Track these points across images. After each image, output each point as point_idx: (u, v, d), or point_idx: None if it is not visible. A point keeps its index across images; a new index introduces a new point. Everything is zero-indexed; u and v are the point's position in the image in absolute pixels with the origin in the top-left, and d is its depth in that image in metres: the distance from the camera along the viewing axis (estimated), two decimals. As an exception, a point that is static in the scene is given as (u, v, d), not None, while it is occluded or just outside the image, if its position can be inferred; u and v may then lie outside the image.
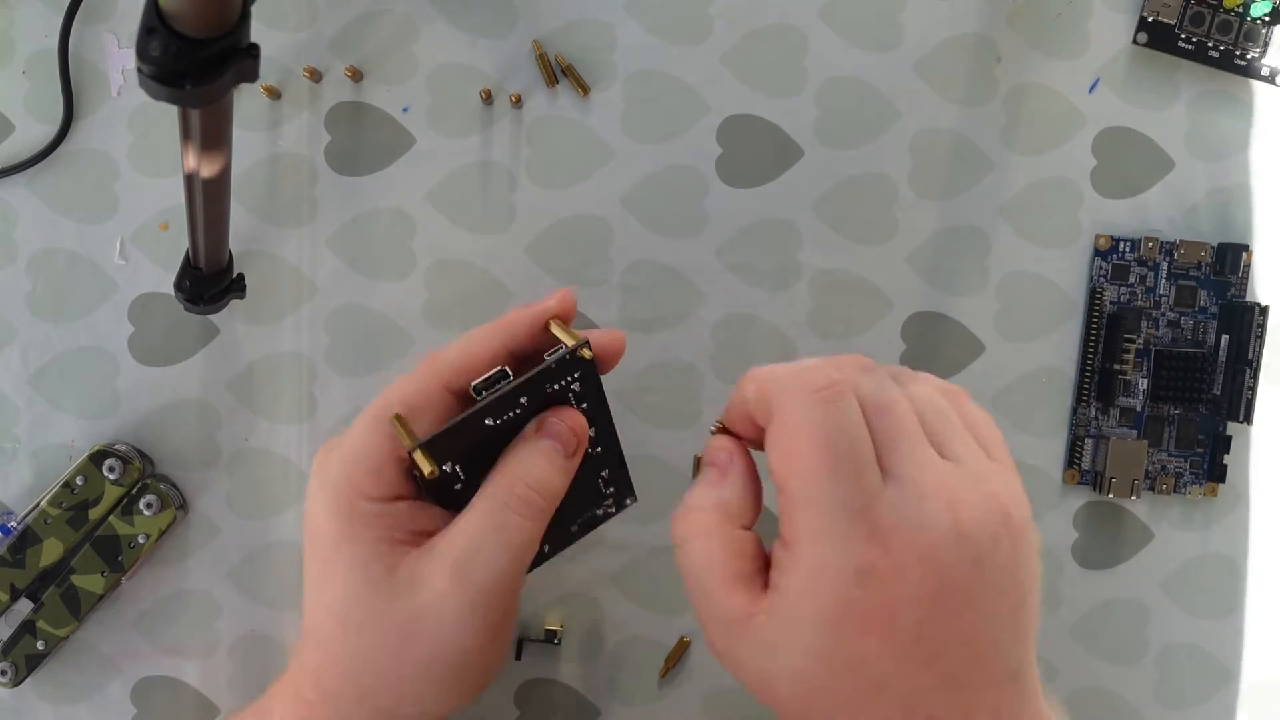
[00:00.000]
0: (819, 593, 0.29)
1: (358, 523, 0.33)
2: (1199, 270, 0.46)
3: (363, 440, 0.34)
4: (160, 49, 0.27)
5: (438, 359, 0.35)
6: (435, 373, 0.34)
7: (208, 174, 0.35)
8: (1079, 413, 0.47)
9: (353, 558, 0.33)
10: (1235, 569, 0.47)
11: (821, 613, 0.29)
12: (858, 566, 0.29)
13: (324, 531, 0.34)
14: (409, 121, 0.46)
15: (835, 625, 0.29)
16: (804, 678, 0.30)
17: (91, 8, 0.45)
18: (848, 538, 0.29)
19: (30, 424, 0.46)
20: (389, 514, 0.34)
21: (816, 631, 0.29)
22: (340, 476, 0.34)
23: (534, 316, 0.36)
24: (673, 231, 0.46)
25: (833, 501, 0.29)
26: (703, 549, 0.32)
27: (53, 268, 0.46)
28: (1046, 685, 0.32)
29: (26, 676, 0.45)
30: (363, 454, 0.34)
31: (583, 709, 0.47)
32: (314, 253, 0.46)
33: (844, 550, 0.29)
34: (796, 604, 0.30)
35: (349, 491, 0.33)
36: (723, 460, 0.33)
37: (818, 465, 0.29)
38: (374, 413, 0.34)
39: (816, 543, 0.29)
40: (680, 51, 0.46)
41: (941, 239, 0.46)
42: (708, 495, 0.33)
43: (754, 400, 0.31)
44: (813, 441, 0.29)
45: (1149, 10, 0.45)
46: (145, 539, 0.45)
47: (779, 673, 0.30)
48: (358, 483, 0.33)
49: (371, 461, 0.33)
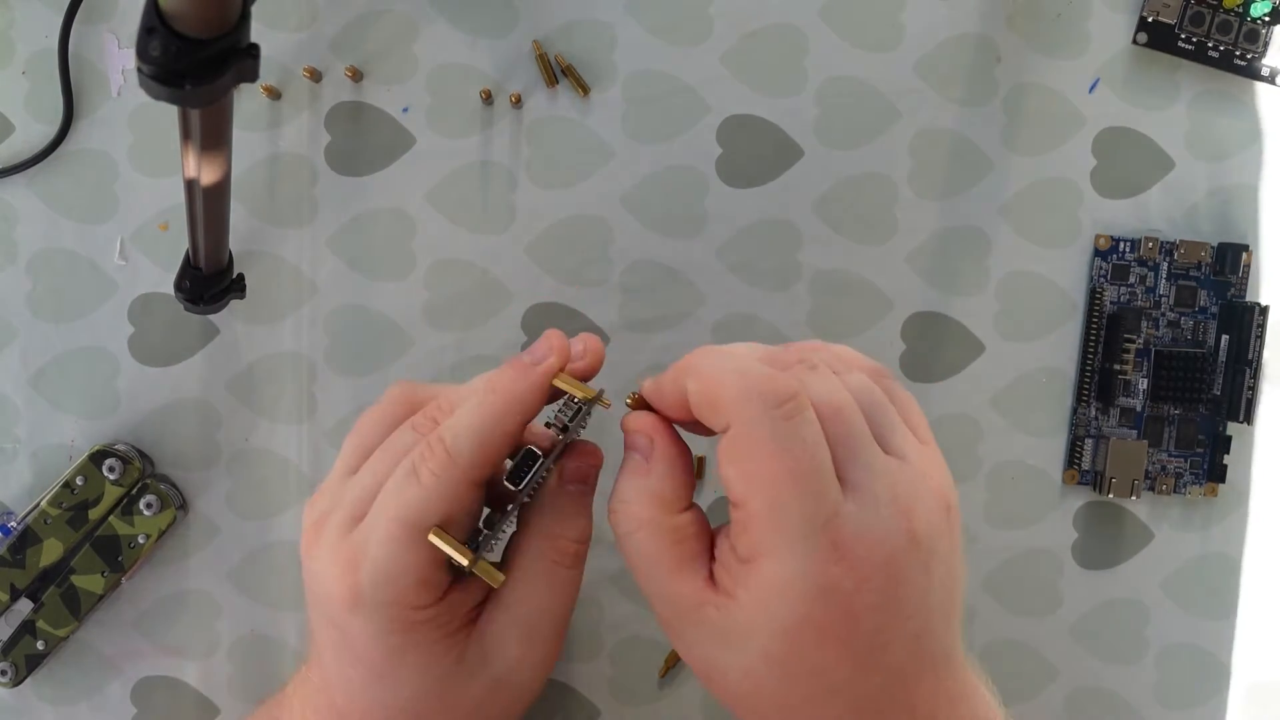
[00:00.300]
0: (779, 608, 0.29)
1: (415, 633, 0.32)
2: (1199, 270, 0.46)
3: (399, 558, 0.31)
4: (160, 49, 0.27)
5: (453, 464, 0.31)
6: (455, 480, 0.31)
7: (208, 174, 0.35)
8: (1079, 413, 0.47)
9: (417, 663, 0.32)
10: (1235, 569, 0.47)
11: (780, 626, 0.29)
12: (821, 584, 0.28)
13: (375, 646, 0.32)
14: (409, 121, 0.46)
15: (793, 637, 0.29)
16: (753, 677, 0.30)
17: (91, 8, 0.45)
18: (811, 555, 0.28)
19: (30, 424, 0.46)
20: (444, 612, 0.32)
21: (773, 640, 0.29)
22: (386, 599, 0.31)
23: (541, 387, 0.32)
24: (673, 231, 0.46)
25: (797, 519, 0.28)
26: (644, 541, 0.31)
27: (53, 268, 0.46)
28: (1048, 684, 0.32)
29: (26, 676, 0.45)
30: (404, 572, 0.31)
31: (583, 709, 0.47)
32: (314, 253, 0.46)
33: (806, 568, 0.28)
34: (753, 615, 0.29)
35: (399, 610, 0.31)
36: (644, 445, 0.32)
37: (781, 484, 0.28)
38: (396, 529, 0.31)
39: (778, 560, 0.28)
40: (680, 51, 0.46)
41: (941, 239, 0.46)
42: (637, 486, 0.32)
43: (698, 398, 0.30)
44: (776, 459, 0.28)
45: (1149, 10, 0.45)
46: (145, 539, 0.45)
47: (728, 667, 0.30)
48: (407, 599, 0.31)
49: (417, 574, 0.31)
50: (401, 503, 0.31)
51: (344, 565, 0.31)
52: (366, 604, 0.31)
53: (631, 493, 0.32)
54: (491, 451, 0.31)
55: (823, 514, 0.28)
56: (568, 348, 0.33)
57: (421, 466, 0.31)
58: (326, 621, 0.33)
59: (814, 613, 0.28)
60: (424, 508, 0.31)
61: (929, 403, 0.47)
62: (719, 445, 0.29)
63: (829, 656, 0.29)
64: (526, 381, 0.32)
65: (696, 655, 0.31)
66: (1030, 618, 0.47)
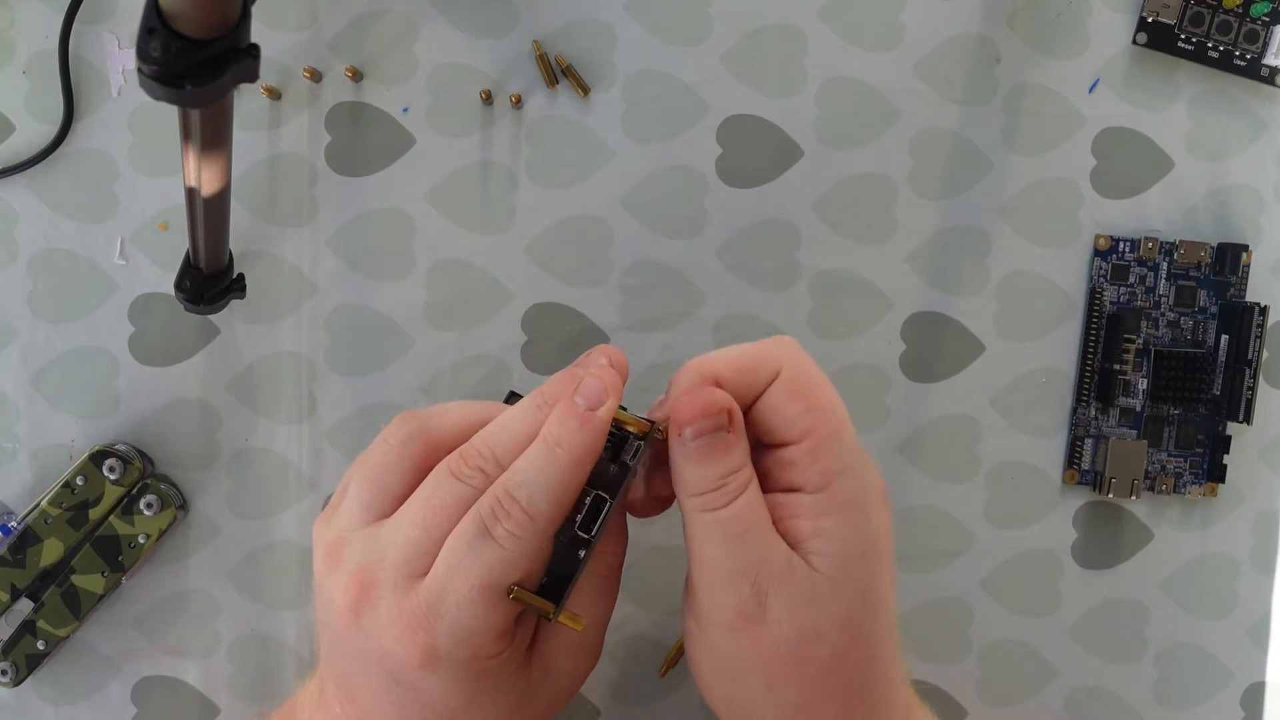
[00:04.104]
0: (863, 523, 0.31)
1: (490, 677, 0.32)
2: (1199, 270, 0.46)
3: (480, 619, 0.30)
4: (161, 49, 0.27)
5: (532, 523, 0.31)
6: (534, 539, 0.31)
7: (208, 174, 0.35)
8: (1079, 413, 0.47)
9: (491, 701, 0.32)
10: (1235, 569, 0.47)
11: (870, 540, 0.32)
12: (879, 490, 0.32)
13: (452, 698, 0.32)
14: (409, 121, 0.46)
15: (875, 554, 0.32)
16: (853, 623, 0.31)
17: (91, 8, 0.45)
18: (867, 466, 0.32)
19: (30, 424, 0.46)
20: (515, 651, 0.32)
21: (863, 565, 0.31)
22: (465, 656, 0.31)
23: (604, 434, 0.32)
24: (673, 231, 0.46)
25: (852, 437, 0.32)
26: (747, 501, 0.31)
27: (53, 268, 0.46)
28: (1048, 684, 0.33)
29: (27, 676, 0.45)
30: (485, 630, 0.31)
31: (582, 709, 0.47)
32: (314, 253, 0.46)
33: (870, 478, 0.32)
34: (842, 540, 0.31)
35: (477, 662, 0.31)
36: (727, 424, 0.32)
37: (838, 408, 0.32)
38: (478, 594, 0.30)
39: (855, 472, 0.31)
40: (680, 51, 0.46)
41: (941, 239, 0.46)
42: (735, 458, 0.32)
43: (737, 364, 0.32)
44: (829, 389, 0.32)
45: (1149, 10, 0.45)
46: (145, 539, 0.45)
47: (828, 623, 0.31)
48: (487, 652, 0.31)
49: (496, 631, 0.31)
50: (482, 566, 0.30)
51: (413, 627, 0.30)
52: (444, 662, 0.31)
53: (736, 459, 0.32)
54: (566, 505, 0.31)
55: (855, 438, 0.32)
56: (620, 383, 0.33)
57: (496, 526, 0.30)
58: (385, 678, 0.32)
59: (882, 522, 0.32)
60: (506, 569, 0.30)
61: (929, 403, 0.47)
62: (770, 392, 0.32)
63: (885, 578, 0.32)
64: (591, 432, 0.31)
65: (783, 632, 0.31)
66: (1030, 618, 0.47)
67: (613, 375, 0.32)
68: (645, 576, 0.46)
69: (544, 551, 0.31)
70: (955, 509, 0.47)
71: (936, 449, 0.47)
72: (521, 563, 0.31)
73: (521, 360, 0.46)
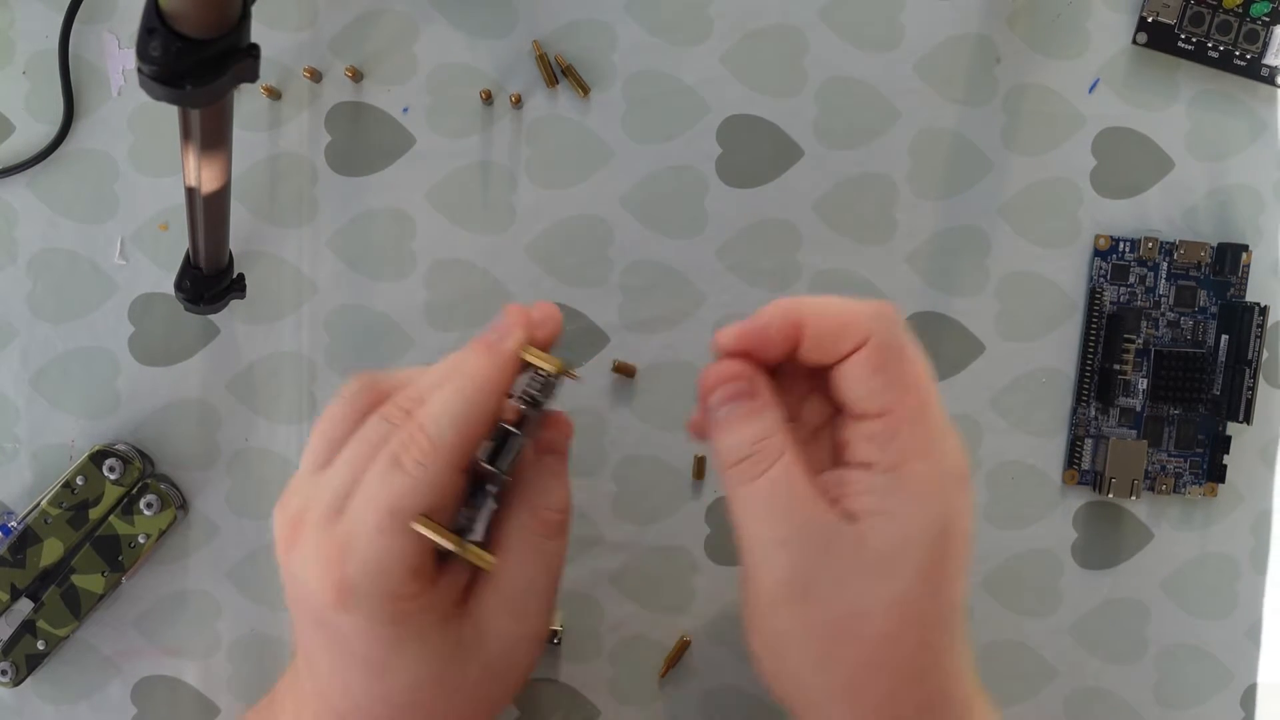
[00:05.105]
0: (936, 506, 0.30)
1: (410, 622, 0.31)
2: (1199, 270, 0.46)
3: (388, 550, 0.30)
4: (161, 49, 0.27)
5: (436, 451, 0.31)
6: (439, 467, 0.31)
7: (208, 174, 0.35)
8: (1079, 413, 0.47)
9: (415, 652, 0.32)
10: (1235, 569, 0.47)
11: (939, 526, 0.30)
12: (958, 476, 0.31)
13: (370, 641, 0.31)
14: (409, 121, 0.46)
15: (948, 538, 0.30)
16: (904, 604, 0.30)
17: (91, 8, 0.45)
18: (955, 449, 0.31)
19: (30, 424, 0.46)
20: (436, 599, 0.32)
21: (926, 549, 0.30)
22: (377, 592, 0.31)
23: (511, 364, 0.32)
24: (673, 231, 0.46)
25: (939, 418, 0.31)
26: (785, 472, 0.31)
27: (53, 268, 0.46)
28: (1048, 684, 0.33)
29: (27, 676, 0.45)
30: (394, 562, 0.30)
31: (583, 709, 0.47)
32: (314, 253, 0.46)
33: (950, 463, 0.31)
34: (906, 527, 0.30)
35: (391, 601, 0.31)
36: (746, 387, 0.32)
37: (926, 386, 0.31)
38: (385, 521, 0.30)
39: (933, 457, 0.30)
40: (680, 51, 0.46)
41: (941, 239, 0.46)
42: (763, 421, 0.32)
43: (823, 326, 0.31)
44: (920, 364, 0.31)
45: (1149, 10, 0.45)
46: (145, 539, 0.45)
47: (875, 601, 0.30)
48: (400, 590, 0.31)
49: (407, 563, 0.31)
50: (387, 493, 0.30)
51: (328, 561, 0.31)
52: (357, 598, 0.31)
53: (762, 428, 0.31)
54: (473, 435, 0.31)
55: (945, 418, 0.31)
56: (530, 320, 0.33)
57: (404, 455, 0.31)
58: (314, 622, 0.32)
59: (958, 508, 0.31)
60: (411, 496, 0.30)
61: (929, 403, 0.47)
62: (851, 362, 0.31)
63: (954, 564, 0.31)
64: (496, 361, 0.32)
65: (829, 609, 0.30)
66: (1030, 618, 0.47)
67: (521, 312, 0.33)
68: (645, 577, 0.46)
69: (453, 485, 0.31)
70: (955, 509, 0.47)
71: (936, 449, 0.47)
72: (427, 491, 0.30)
73: (521, 360, 0.46)
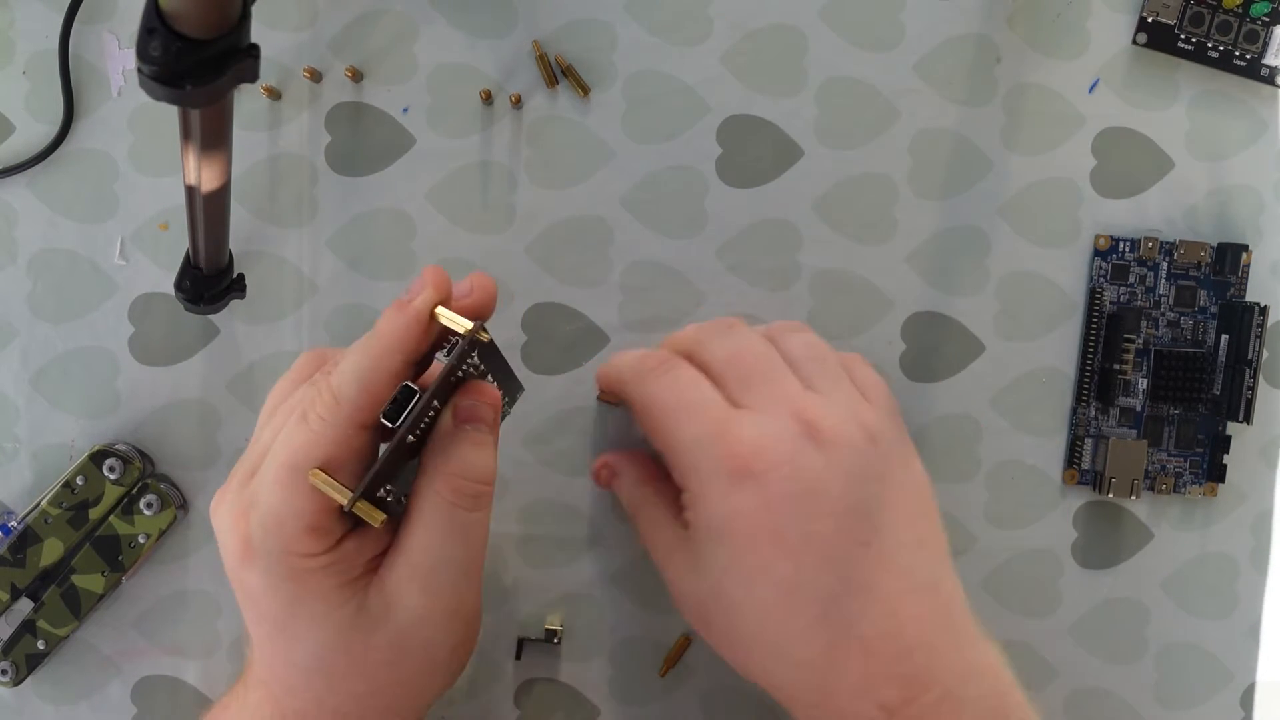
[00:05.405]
0: (709, 513, 0.34)
1: (309, 581, 0.31)
2: (1199, 270, 0.46)
3: (285, 503, 0.31)
4: (160, 49, 0.27)
5: (338, 406, 0.31)
6: (340, 421, 0.31)
7: (208, 174, 0.35)
8: (1079, 413, 0.47)
9: (316, 613, 0.32)
10: (1235, 569, 0.47)
11: (716, 531, 0.34)
12: (729, 476, 0.33)
13: (271, 599, 0.32)
14: (409, 121, 0.46)
15: (729, 539, 0.33)
16: (721, 593, 0.34)
17: (91, 8, 0.45)
18: (715, 460, 0.33)
19: (30, 424, 0.46)
20: (339, 560, 0.32)
21: (717, 548, 0.34)
22: (275, 547, 0.31)
23: (417, 321, 0.32)
24: (673, 231, 0.46)
25: (694, 441, 0.34)
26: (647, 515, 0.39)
27: (53, 268, 0.46)
28: (1048, 684, 0.33)
29: (27, 676, 0.45)
30: (291, 516, 0.31)
31: (583, 709, 0.47)
32: (314, 253, 0.46)
33: (715, 472, 0.33)
34: (700, 530, 0.34)
35: (288, 557, 0.31)
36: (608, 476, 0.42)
37: (670, 421, 0.35)
38: (282, 474, 0.31)
39: (697, 476, 0.34)
40: (680, 51, 0.46)
41: (941, 239, 0.46)
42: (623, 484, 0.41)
43: (612, 389, 0.40)
44: (660, 408, 0.35)
45: (1149, 10, 0.45)
46: (145, 539, 0.45)
47: (703, 594, 0.35)
48: (296, 546, 0.31)
49: (304, 520, 0.31)
50: (290, 448, 0.31)
51: (236, 516, 0.31)
52: (257, 553, 0.31)
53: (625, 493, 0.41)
54: (375, 391, 0.32)
55: (713, 428, 0.34)
56: (446, 282, 0.34)
57: (310, 411, 0.31)
58: (233, 579, 0.33)
59: (735, 508, 0.33)
60: (308, 450, 0.31)
61: (929, 403, 0.47)
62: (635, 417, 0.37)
63: (765, 553, 0.33)
64: (403, 318, 0.32)
65: (680, 590, 0.37)
66: (1030, 618, 0.47)
67: (437, 272, 0.33)
68: (644, 577, 0.46)
69: (354, 441, 0.32)
70: (955, 509, 0.47)
71: (936, 449, 0.47)
72: (326, 446, 0.31)
73: (521, 360, 0.46)
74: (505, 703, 0.47)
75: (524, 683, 0.47)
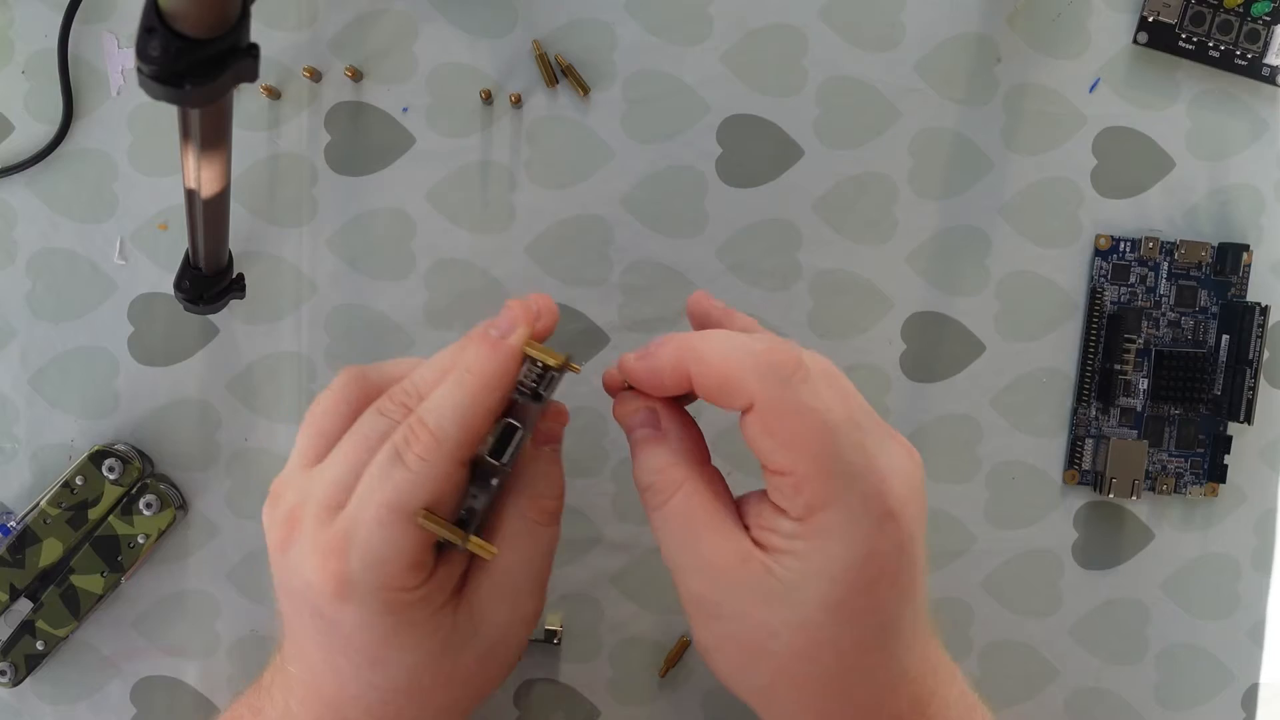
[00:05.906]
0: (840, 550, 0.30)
1: (407, 614, 0.32)
2: (1199, 270, 0.46)
3: (389, 543, 0.31)
4: (160, 49, 0.27)
5: (439, 446, 0.31)
6: (441, 461, 0.31)
7: (208, 174, 0.35)
8: (1079, 413, 0.47)
9: (409, 644, 0.32)
10: (1236, 569, 0.47)
11: (841, 567, 0.30)
12: (877, 519, 0.30)
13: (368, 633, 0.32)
14: (409, 121, 0.46)
15: (853, 576, 0.30)
16: (807, 629, 0.31)
17: (91, 8, 0.45)
18: (867, 496, 0.30)
19: (30, 424, 0.46)
20: (433, 590, 0.32)
21: (832, 585, 0.30)
22: (377, 585, 0.31)
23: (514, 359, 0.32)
24: (673, 231, 0.46)
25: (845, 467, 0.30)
26: (685, 501, 0.32)
27: (53, 268, 0.46)
28: (1048, 684, 0.33)
29: (26, 676, 0.45)
30: (395, 556, 0.31)
31: (582, 709, 0.47)
32: (314, 253, 0.46)
33: (865, 507, 0.30)
34: (809, 565, 0.31)
35: (390, 594, 0.31)
36: (649, 417, 0.34)
37: (823, 440, 0.30)
38: (383, 514, 0.31)
39: (836, 507, 0.30)
40: (680, 51, 0.46)
41: (941, 239, 0.46)
42: (662, 452, 0.33)
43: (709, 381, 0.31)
44: (810, 420, 0.30)
45: (1149, 10, 0.45)
46: (145, 539, 0.45)
47: (781, 625, 0.31)
48: (399, 582, 0.31)
49: (408, 558, 0.31)
50: (390, 487, 0.31)
51: (327, 554, 0.31)
52: (357, 590, 0.31)
53: (660, 459, 0.33)
54: (476, 429, 0.32)
55: (863, 459, 0.30)
56: (533, 315, 0.33)
57: (406, 451, 0.31)
58: (309, 613, 0.32)
59: (875, 548, 0.30)
60: (413, 491, 0.31)
61: (929, 403, 0.47)
62: (746, 422, 0.31)
63: (882, 593, 0.31)
64: (500, 356, 0.32)
65: (741, 625, 0.31)
66: (1030, 618, 0.47)
67: (524, 307, 0.33)
68: (644, 577, 0.46)
69: (455, 478, 0.31)
70: (956, 509, 0.47)
71: (937, 449, 0.47)
72: (430, 485, 0.31)
73: (521, 360, 0.46)
74: (505, 703, 0.47)
75: (524, 683, 0.47)
